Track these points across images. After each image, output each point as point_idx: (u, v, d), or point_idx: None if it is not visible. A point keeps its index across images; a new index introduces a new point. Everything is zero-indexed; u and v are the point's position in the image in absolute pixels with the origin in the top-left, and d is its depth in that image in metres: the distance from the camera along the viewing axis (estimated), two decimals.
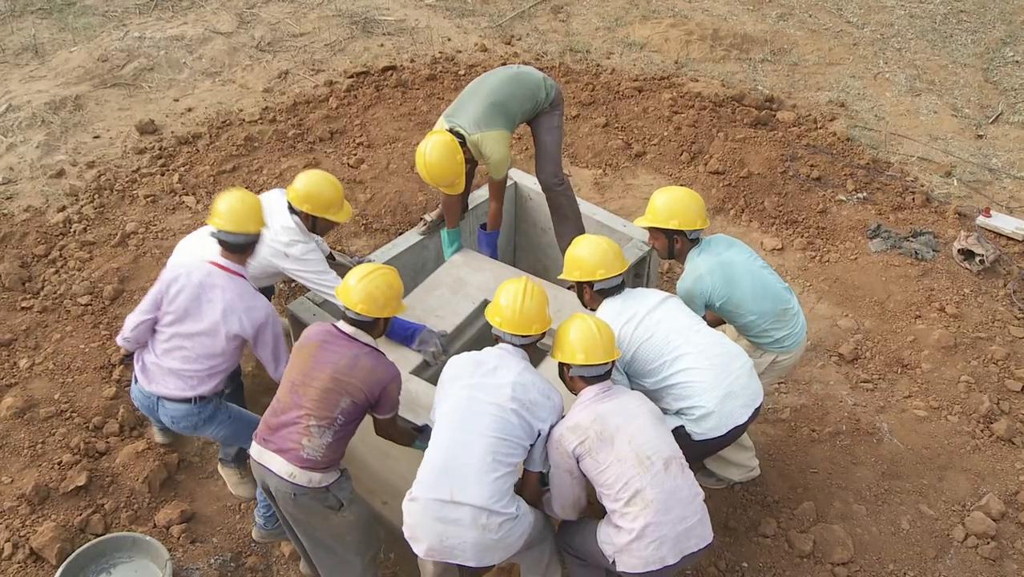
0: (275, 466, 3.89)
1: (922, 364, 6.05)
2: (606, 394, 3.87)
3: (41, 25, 9.73)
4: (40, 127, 7.98)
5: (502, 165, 5.29)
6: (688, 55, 9.64)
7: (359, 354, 3.91)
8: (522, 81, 5.44)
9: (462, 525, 3.65)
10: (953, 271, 6.75)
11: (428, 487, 3.68)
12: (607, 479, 3.70)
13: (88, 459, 5.25)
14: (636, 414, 3.82)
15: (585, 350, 3.85)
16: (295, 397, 3.89)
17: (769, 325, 4.61)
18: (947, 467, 5.40)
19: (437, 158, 5.03)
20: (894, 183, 7.69)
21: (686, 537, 3.70)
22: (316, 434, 3.84)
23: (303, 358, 3.95)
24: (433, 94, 8.70)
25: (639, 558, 3.67)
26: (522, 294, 4.00)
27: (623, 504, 3.68)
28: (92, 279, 6.41)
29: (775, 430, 5.65)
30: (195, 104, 8.47)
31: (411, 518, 3.74)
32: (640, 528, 3.63)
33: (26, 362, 5.80)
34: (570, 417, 3.84)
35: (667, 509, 3.65)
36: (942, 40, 10.27)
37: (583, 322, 3.94)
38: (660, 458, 3.71)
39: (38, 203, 7.16)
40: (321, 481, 3.90)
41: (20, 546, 4.77)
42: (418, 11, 10.33)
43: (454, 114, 5.32)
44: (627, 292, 4.35)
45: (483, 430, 3.72)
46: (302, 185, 4.73)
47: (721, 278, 4.47)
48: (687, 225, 4.47)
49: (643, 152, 8.01)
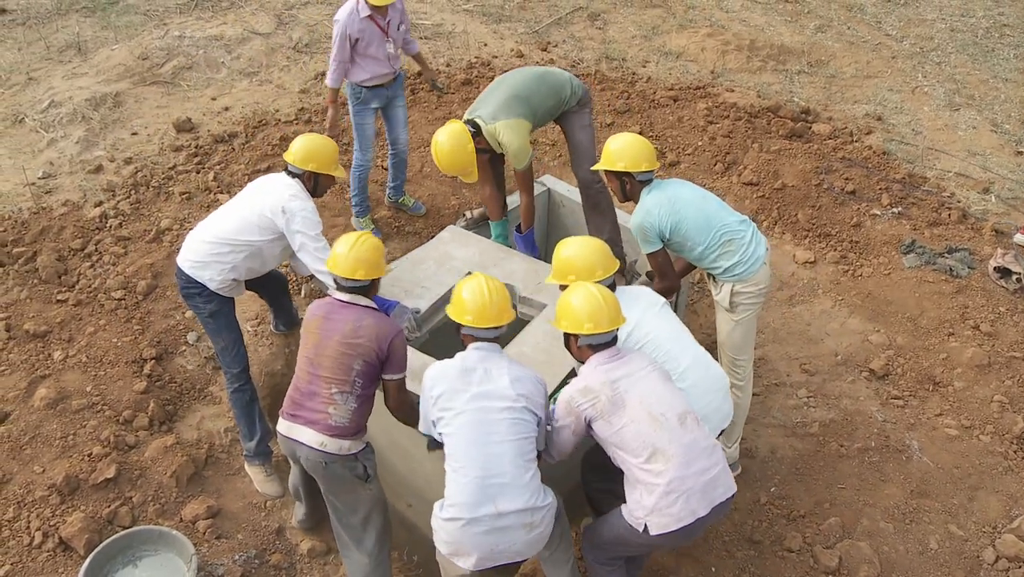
0: (305, 438, 4.07)
1: (954, 382, 5.98)
2: (615, 358, 3.87)
3: (85, 23, 9.87)
4: (80, 123, 8.10)
5: (521, 153, 5.30)
6: (724, 65, 9.60)
7: (361, 316, 4.11)
8: (545, 79, 5.48)
9: (511, 530, 3.74)
10: (988, 289, 6.67)
11: (470, 507, 3.70)
12: (623, 440, 3.72)
13: (118, 452, 5.31)
14: (645, 375, 3.83)
15: (592, 318, 3.84)
16: (312, 370, 4.09)
17: (716, 255, 4.74)
18: (978, 487, 5.32)
19: (447, 145, 5.12)
20: (930, 198, 7.61)
21: (712, 487, 3.72)
22: (340, 401, 4.04)
23: (311, 332, 4.14)
24: (468, 98, 8.71)
25: (670, 516, 3.67)
26: (486, 287, 3.98)
27: (644, 460, 3.69)
28: (126, 274, 6.48)
29: (803, 444, 5.60)
30: (232, 103, 8.56)
31: (456, 536, 3.75)
32: (666, 483, 3.65)
33: (60, 354, 5.88)
34: (580, 380, 3.86)
35: (688, 462, 3.67)
36: (983, 54, 10.14)
37: (586, 290, 3.91)
38: (674, 414, 3.73)
39: (76, 198, 7.26)
40: (351, 448, 4.09)
41: (50, 535, 4.84)
42: (455, 16, 10.37)
43: (475, 107, 5.40)
44: (619, 293, 4.31)
45: (505, 437, 3.75)
46: (302, 146, 4.83)
47: (668, 211, 4.66)
48: (633, 167, 4.70)
49: (677, 161, 7.98)
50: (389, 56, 6.31)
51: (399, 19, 6.33)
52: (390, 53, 6.30)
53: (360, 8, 6.09)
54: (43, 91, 8.54)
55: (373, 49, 6.21)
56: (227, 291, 4.91)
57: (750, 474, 5.41)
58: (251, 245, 4.81)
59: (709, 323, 5.10)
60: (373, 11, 6.09)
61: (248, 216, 4.71)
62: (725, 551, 4.97)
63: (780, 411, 5.84)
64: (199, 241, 4.85)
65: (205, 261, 4.79)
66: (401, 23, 6.36)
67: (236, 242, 4.75)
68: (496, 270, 5.03)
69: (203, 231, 4.88)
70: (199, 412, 5.70)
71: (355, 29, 6.08)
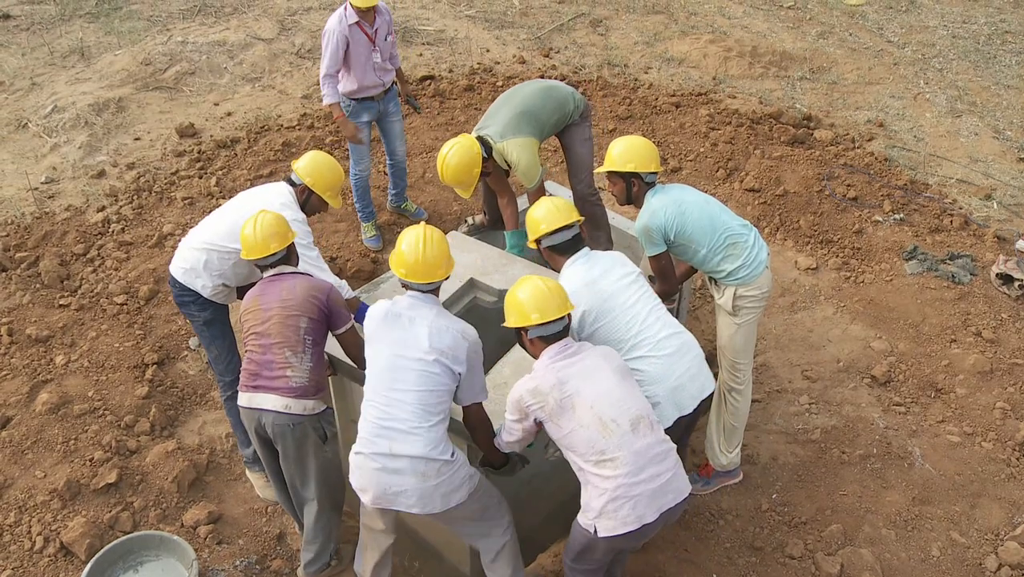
0: (269, 404, 4.19)
1: (956, 389, 5.97)
2: (568, 353, 3.85)
3: (88, 29, 9.90)
4: (83, 128, 8.12)
5: (531, 172, 5.30)
6: (726, 71, 9.61)
7: (292, 280, 4.29)
8: (552, 94, 5.49)
9: (403, 474, 3.85)
10: (991, 295, 6.66)
11: (368, 443, 3.89)
12: (573, 443, 3.73)
13: (119, 457, 5.31)
14: (600, 376, 3.80)
15: (538, 308, 3.83)
16: (263, 341, 4.22)
17: (720, 258, 4.75)
18: (980, 494, 5.31)
19: (454, 161, 5.12)
20: (932, 205, 7.61)
21: (662, 493, 3.71)
22: (296, 362, 4.17)
23: (252, 311, 4.30)
24: (470, 104, 8.74)
25: (617, 520, 3.68)
26: (423, 241, 4.03)
27: (593, 464, 3.69)
28: (128, 279, 6.50)
29: (804, 451, 5.59)
30: (234, 109, 8.58)
31: (356, 470, 3.96)
32: (613, 488, 3.65)
33: (62, 359, 5.89)
34: (531, 378, 3.83)
35: (638, 468, 3.66)
36: (985, 61, 10.15)
37: (530, 282, 3.92)
38: (627, 419, 3.71)
39: (79, 203, 7.27)
40: (314, 408, 4.24)
41: (51, 540, 4.84)
42: (457, 22, 10.39)
43: (484, 124, 5.39)
44: (589, 255, 4.35)
45: (410, 386, 3.88)
46: (311, 160, 4.83)
47: (674, 212, 4.66)
48: (643, 168, 4.70)
49: (679, 168, 7.99)
50: (375, 66, 6.32)
51: (387, 29, 6.36)
52: (376, 63, 6.31)
53: (348, 14, 6.12)
54: (46, 96, 8.57)
55: (361, 58, 6.23)
56: (220, 298, 4.91)
57: (751, 480, 5.40)
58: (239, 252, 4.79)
59: (711, 329, 5.09)
60: (360, 16, 6.12)
61: (237, 222, 4.69)
62: (726, 558, 4.96)
63: (782, 417, 5.84)
64: (189, 248, 4.83)
65: (196, 268, 4.78)
66: (389, 34, 6.39)
67: (225, 249, 4.71)
68: (498, 275, 5.03)
69: (193, 238, 4.86)
70: (200, 417, 5.71)
71: (346, 35, 6.11)
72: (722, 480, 5.34)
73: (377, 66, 6.34)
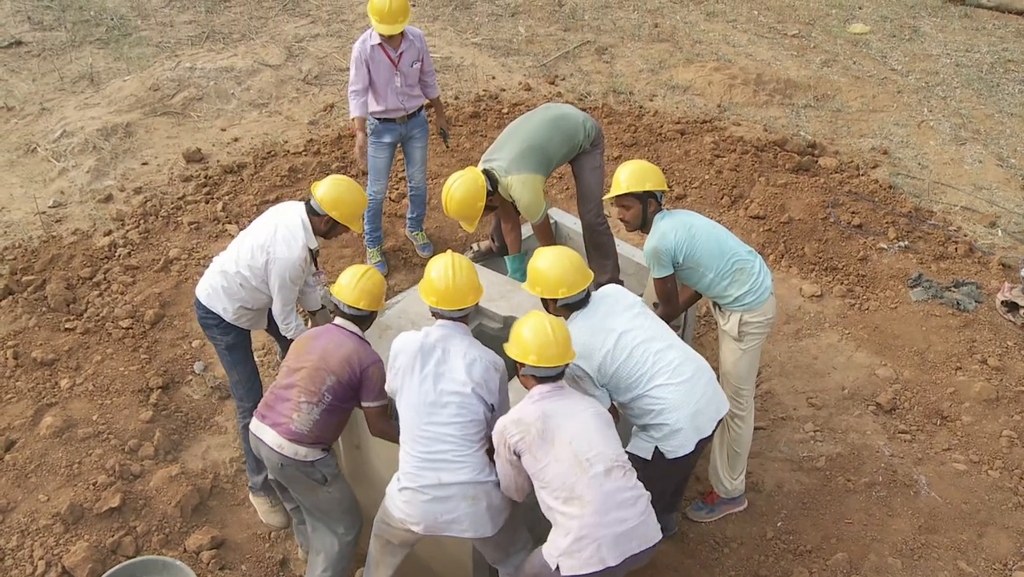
0: (267, 438, 4.24)
1: (962, 417, 5.95)
2: (555, 393, 3.88)
3: (98, 55, 9.99)
4: (91, 152, 8.18)
5: (532, 208, 5.32)
6: (731, 99, 9.66)
7: (345, 339, 4.27)
8: (561, 125, 5.49)
9: (454, 500, 3.91)
10: (996, 323, 6.65)
11: (415, 477, 3.93)
12: (546, 478, 3.74)
13: (122, 481, 5.30)
14: (583, 417, 3.84)
15: (538, 352, 3.84)
16: (290, 378, 4.26)
17: (727, 283, 4.77)
18: (987, 523, 5.28)
19: (458, 194, 5.13)
20: (936, 232, 7.62)
21: (627, 539, 3.71)
22: (305, 410, 4.18)
23: (299, 346, 4.34)
24: (476, 131, 8.78)
25: (580, 559, 3.68)
26: (452, 268, 4.09)
27: (561, 501, 3.71)
28: (134, 303, 6.52)
29: (809, 478, 5.57)
30: (241, 134, 8.63)
31: (405, 506, 3.97)
32: (578, 528, 3.66)
33: (67, 382, 5.90)
34: (516, 410, 3.87)
35: (605, 511, 3.67)
36: (988, 89, 10.19)
37: (539, 321, 3.92)
38: (601, 463, 3.73)
39: (86, 226, 7.31)
40: (307, 456, 4.23)
41: (53, 564, 4.82)
42: (463, 49, 10.46)
43: (491, 156, 5.40)
44: (595, 302, 4.34)
45: (451, 419, 3.94)
46: (333, 189, 4.69)
47: (684, 235, 4.69)
48: (659, 186, 4.74)
49: (684, 195, 8.01)
50: (396, 90, 6.35)
51: (415, 56, 6.36)
52: (397, 87, 6.34)
53: (371, 35, 6.18)
54: (55, 121, 8.64)
55: (382, 80, 6.27)
56: (244, 322, 4.92)
57: (756, 508, 5.38)
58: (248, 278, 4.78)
59: (714, 356, 5.09)
60: (383, 40, 6.17)
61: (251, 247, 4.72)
62: None
63: (787, 445, 5.82)
64: (212, 272, 4.87)
65: (216, 292, 4.81)
66: (417, 61, 6.40)
67: (242, 274, 4.73)
68: (503, 302, 5.04)
69: (217, 261, 4.89)
70: (205, 442, 5.70)
71: (367, 56, 6.16)
72: (726, 508, 5.32)
73: (398, 90, 6.36)
